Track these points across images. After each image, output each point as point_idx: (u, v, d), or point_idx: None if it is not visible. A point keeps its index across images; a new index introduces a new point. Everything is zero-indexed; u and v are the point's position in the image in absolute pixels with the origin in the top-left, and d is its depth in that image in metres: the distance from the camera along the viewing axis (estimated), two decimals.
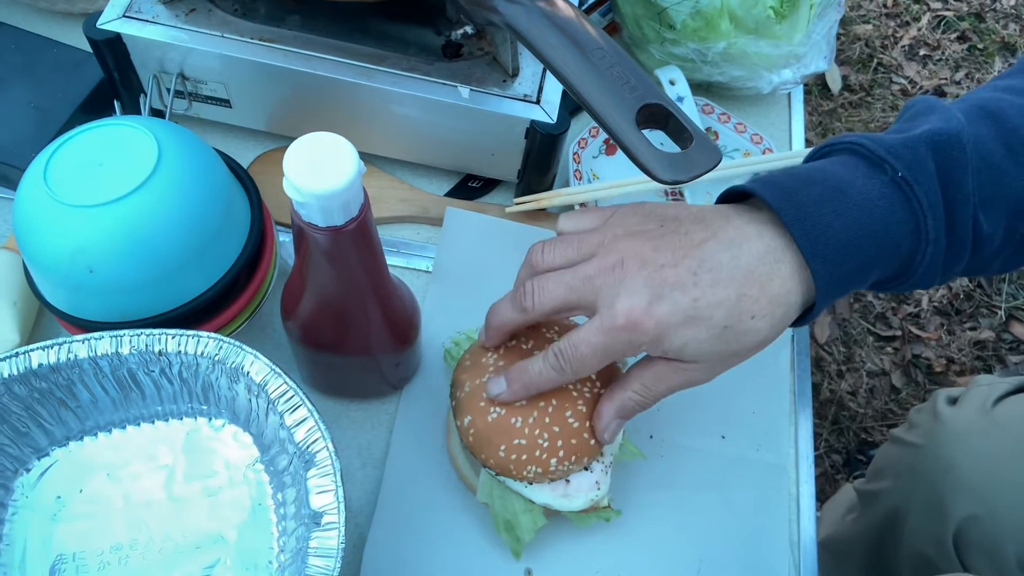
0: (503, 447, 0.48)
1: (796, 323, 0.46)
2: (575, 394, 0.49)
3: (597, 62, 0.46)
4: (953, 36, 1.89)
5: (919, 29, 1.89)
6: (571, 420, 0.48)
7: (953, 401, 0.75)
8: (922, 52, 1.86)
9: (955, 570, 0.70)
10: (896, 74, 1.82)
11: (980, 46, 1.88)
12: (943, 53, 1.86)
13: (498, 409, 0.48)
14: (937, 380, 1.43)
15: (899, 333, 1.48)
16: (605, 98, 0.45)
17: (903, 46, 1.86)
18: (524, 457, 0.48)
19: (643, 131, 0.44)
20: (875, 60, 1.83)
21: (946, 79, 1.82)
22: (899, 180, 0.42)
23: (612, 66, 0.46)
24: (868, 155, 0.43)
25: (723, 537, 0.56)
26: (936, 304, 1.51)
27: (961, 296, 1.52)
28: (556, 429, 0.48)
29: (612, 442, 0.49)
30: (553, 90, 0.61)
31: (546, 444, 0.48)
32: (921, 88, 1.79)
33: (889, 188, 0.42)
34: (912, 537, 0.74)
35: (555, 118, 0.59)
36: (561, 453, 0.48)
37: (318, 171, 0.36)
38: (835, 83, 1.78)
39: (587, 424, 0.49)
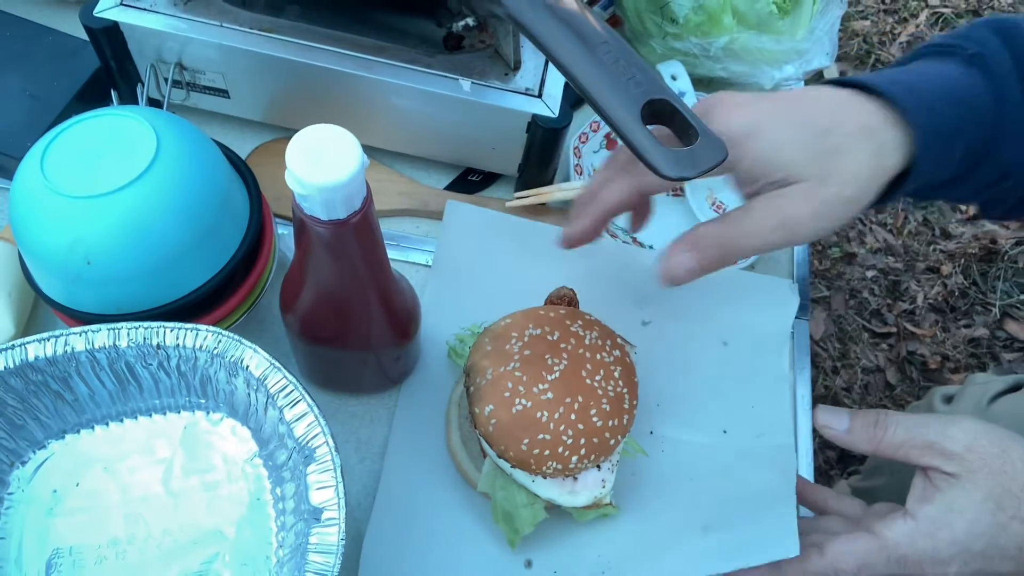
0: (526, 440, 0.48)
1: (888, 196, 0.46)
2: (600, 392, 0.49)
3: (602, 56, 0.46)
4: None
5: (917, 25, 1.89)
6: (595, 419, 0.48)
7: (949, 399, 0.75)
8: None
9: None
10: None
11: None
12: None
13: (524, 401, 0.48)
14: (932, 377, 1.43)
15: (894, 330, 1.48)
16: (609, 93, 0.44)
17: (901, 42, 1.86)
18: (547, 453, 0.47)
19: (648, 127, 0.43)
20: (873, 56, 1.83)
21: None
22: (971, 57, 0.45)
23: (617, 60, 0.45)
24: (935, 48, 0.47)
25: (726, 525, 0.56)
26: (931, 301, 1.52)
27: (956, 293, 1.52)
28: (581, 427, 0.48)
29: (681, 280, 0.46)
30: (555, 84, 0.60)
31: (570, 441, 0.47)
32: None
33: (964, 65, 0.45)
34: None
35: (557, 112, 0.59)
36: (583, 451, 0.48)
37: (321, 164, 0.36)
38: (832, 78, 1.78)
39: (609, 423, 0.48)
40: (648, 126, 0.43)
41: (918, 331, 1.48)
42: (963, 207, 1.62)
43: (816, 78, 0.69)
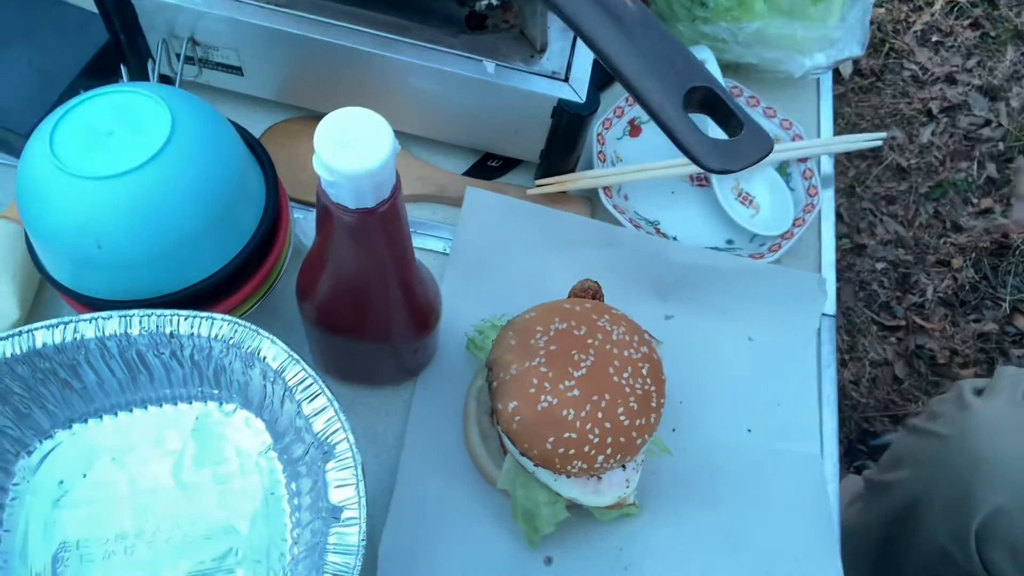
0: (551, 439, 0.46)
1: None
2: (627, 390, 0.47)
3: (639, 39, 0.44)
4: (966, 22, 1.86)
5: (932, 14, 1.86)
6: (623, 417, 0.46)
7: (979, 392, 0.74)
8: (934, 38, 1.84)
9: (973, 563, 0.69)
10: (908, 60, 1.79)
11: (993, 33, 1.85)
12: (955, 39, 1.83)
13: (549, 398, 0.46)
14: (940, 371, 1.42)
15: (903, 323, 1.47)
16: (649, 79, 0.42)
17: (915, 31, 1.83)
18: (572, 452, 0.46)
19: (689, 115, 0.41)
20: (887, 45, 1.80)
21: (957, 66, 1.79)
22: None
23: (656, 43, 0.43)
24: None
25: (753, 529, 0.55)
26: (941, 295, 1.50)
27: (966, 288, 1.51)
28: (608, 425, 0.46)
29: None
30: (582, 67, 0.58)
31: (596, 440, 0.46)
32: (932, 75, 1.77)
33: None
34: (930, 528, 0.73)
35: (584, 97, 0.57)
36: (609, 451, 0.46)
37: (352, 149, 0.34)
38: (846, 68, 1.75)
39: (637, 422, 0.47)
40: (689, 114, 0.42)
41: (927, 325, 1.47)
42: (975, 199, 1.61)
43: (848, 67, 0.67)
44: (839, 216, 1.57)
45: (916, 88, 1.77)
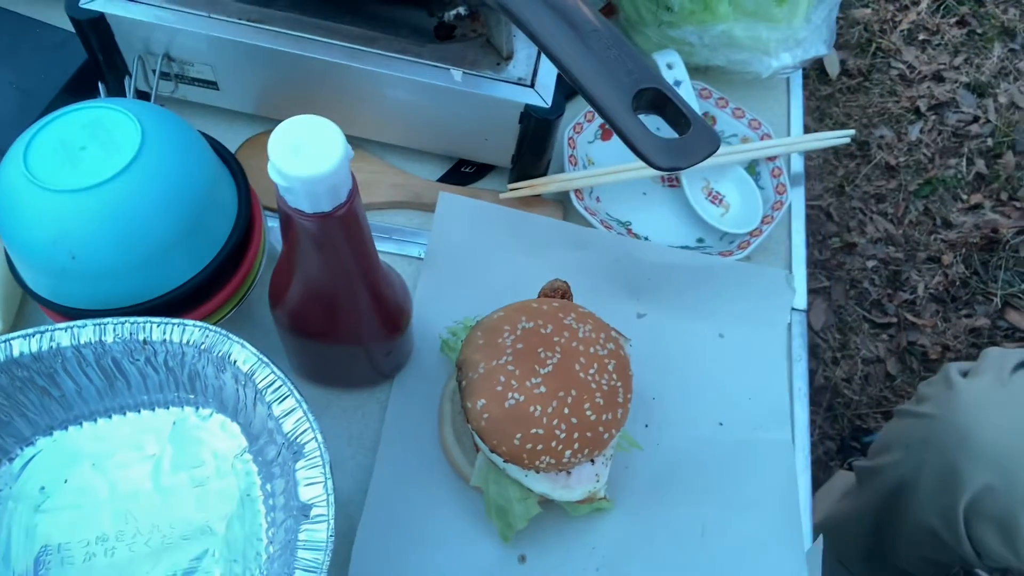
0: (519, 435, 0.47)
1: None
2: (594, 386, 0.48)
3: (593, 44, 0.45)
4: (952, 20, 1.88)
5: (918, 13, 1.88)
6: (589, 412, 0.47)
7: (965, 374, 0.75)
8: (921, 37, 1.85)
9: (962, 542, 0.69)
10: (895, 59, 1.80)
11: (979, 31, 1.86)
12: (942, 38, 1.84)
13: (517, 395, 0.47)
14: (932, 367, 1.43)
15: (895, 320, 1.47)
16: (600, 82, 0.43)
17: (902, 30, 1.85)
18: (540, 447, 0.47)
19: (640, 116, 0.43)
20: (874, 45, 1.81)
21: (945, 64, 1.80)
22: None
23: (608, 48, 0.44)
24: None
25: (724, 517, 0.56)
26: (932, 291, 1.51)
27: (957, 283, 1.51)
28: (574, 420, 0.47)
29: None
30: (548, 73, 0.59)
31: (563, 435, 0.47)
32: (920, 73, 1.78)
33: None
34: (919, 509, 0.74)
35: (550, 102, 0.58)
36: (576, 445, 0.47)
37: (304, 155, 0.35)
38: (833, 68, 1.76)
39: (603, 417, 0.48)
40: (640, 115, 0.43)
41: (919, 321, 1.47)
42: (964, 195, 1.61)
43: (812, 66, 0.68)
44: (828, 215, 1.58)
45: (904, 87, 1.78)
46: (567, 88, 0.60)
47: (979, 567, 0.74)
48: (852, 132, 0.71)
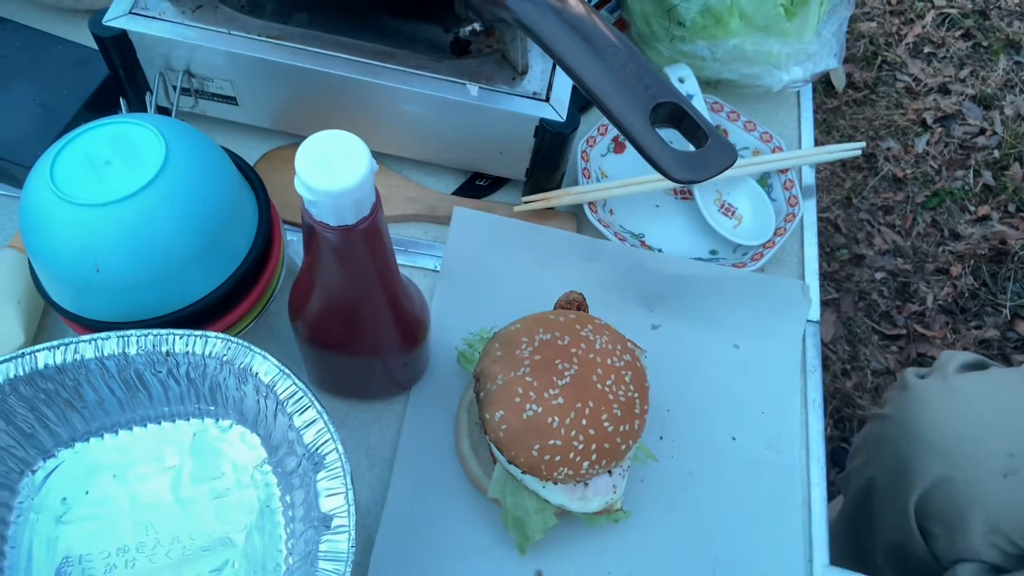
0: (537, 446, 0.47)
1: None
2: (611, 397, 0.48)
3: (610, 59, 0.46)
4: (958, 33, 1.88)
5: (923, 26, 1.88)
6: (606, 424, 0.48)
7: (922, 377, 0.77)
8: (927, 50, 1.86)
9: (914, 539, 0.70)
10: (900, 72, 1.81)
11: (985, 43, 1.87)
12: (948, 50, 1.85)
13: (535, 407, 0.47)
14: None
15: (904, 332, 1.47)
16: (618, 96, 0.44)
17: (907, 43, 1.85)
18: (558, 458, 0.47)
19: (657, 130, 0.43)
20: (879, 58, 1.82)
21: (950, 76, 1.81)
22: None
23: (625, 63, 0.45)
24: None
25: (736, 537, 0.56)
26: (941, 303, 1.51)
27: (966, 295, 1.51)
28: (592, 432, 0.47)
29: None
30: (563, 88, 0.60)
31: (581, 447, 0.47)
32: (925, 86, 1.79)
33: None
34: (881, 512, 0.75)
35: (565, 116, 0.59)
36: (594, 456, 0.47)
37: (330, 169, 0.36)
38: (839, 81, 1.77)
39: (621, 428, 0.48)
40: (657, 129, 0.43)
41: (928, 333, 1.47)
42: (972, 207, 1.62)
43: (823, 79, 0.69)
44: (836, 227, 1.58)
45: (910, 99, 1.78)
46: (580, 101, 0.61)
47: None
48: (863, 144, 0.71)
